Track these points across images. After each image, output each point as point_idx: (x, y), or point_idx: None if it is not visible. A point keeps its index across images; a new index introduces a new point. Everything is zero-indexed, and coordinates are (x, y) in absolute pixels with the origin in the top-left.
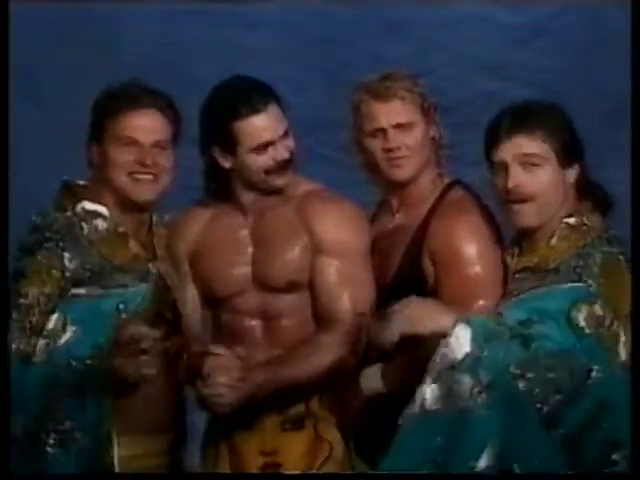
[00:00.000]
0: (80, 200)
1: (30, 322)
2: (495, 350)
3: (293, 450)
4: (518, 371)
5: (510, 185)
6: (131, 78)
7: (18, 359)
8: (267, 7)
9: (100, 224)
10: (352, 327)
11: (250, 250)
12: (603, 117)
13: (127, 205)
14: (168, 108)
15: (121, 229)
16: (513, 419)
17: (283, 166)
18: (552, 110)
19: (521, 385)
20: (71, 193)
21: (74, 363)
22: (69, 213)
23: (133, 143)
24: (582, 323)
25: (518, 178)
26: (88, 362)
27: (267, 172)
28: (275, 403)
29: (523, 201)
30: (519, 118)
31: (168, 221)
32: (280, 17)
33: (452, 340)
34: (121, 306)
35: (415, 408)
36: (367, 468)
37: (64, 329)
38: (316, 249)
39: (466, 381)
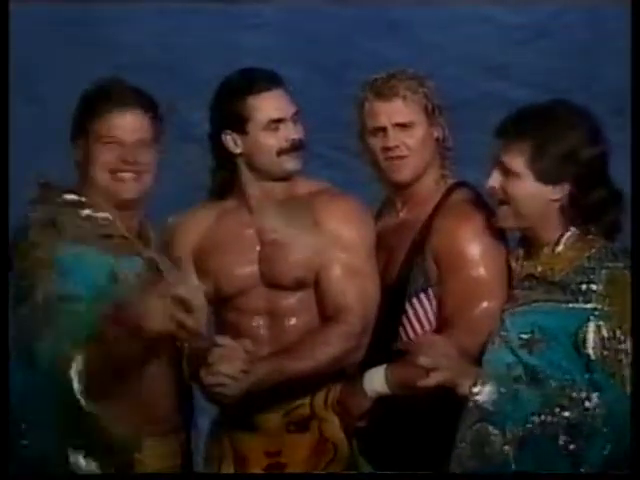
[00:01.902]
0: (60, 194)
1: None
2: (513, 401)
3: (298, 451)
4: (540, 418)
5: (488, 185)
6: (112, 76)
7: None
8: (267, 7)
9: (85, 212)
10: (358, 320)
11: (257, 248)
12: (603, 117)
13: (111, 204)
14: (150, 106)
15: (106, 215)
16: (543, 462)
17: (295, 147)
18: (546, 122)
19: (546, 431)
20: (50, 189)
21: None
22: (49, 204)
23: (115, 142)
24: (589, 350)
25: (495, 181)
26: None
27: (279, 153)
28: (279, 398)
29: (503, 204)
30: (510, 128)
31: (172, 222)
32: (280, 17)
33: (473, 401)
34: (119, 272)
35: (452, 467)
36: (372, 469)
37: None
38: (322, 244)
39: (495, 437)
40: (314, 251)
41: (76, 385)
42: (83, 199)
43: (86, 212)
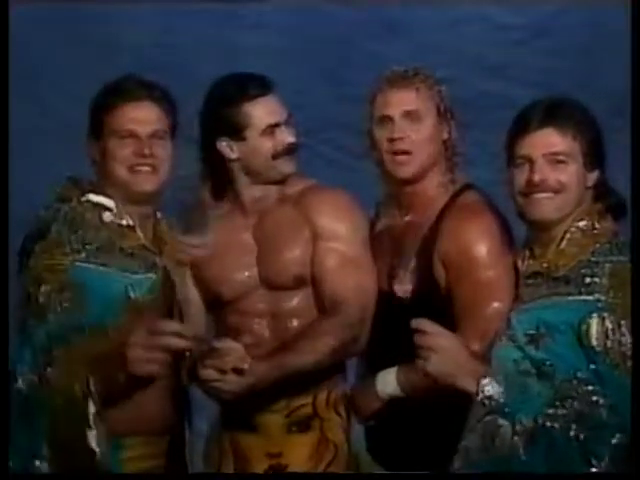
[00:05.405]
0: (85, 193)
1: (36, 296)
2: (522, 393)
3: (299, 452)
4: (550, 410)
5: (536, 179)
6: (127, 73)
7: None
8: (267, 7)
9: (106, 216)
10: (354, 310)
11: (254, 251)
12: (603, 117)
13: (130, 199)
14: (164, 99)
15: (127, 221)
16: (554, 457)
17: (290, 150)
18: (581, 108)
19: (556, 423)
20: (75, 186)
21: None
22: (74, 204)
23: (130, 135)
24: (593, 342)
25: (544, 172)
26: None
27: (275, 157)
28: (281, 397)
29: (545, 193)
30: (551, 112)
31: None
32: (280, 17)
33: (481, 395)
34: (131, 293)
35: (459, 459)
36: (379, 467)
37: (70, 297)
38: (316, 238)
39: (505, 430)
40: (308, 246)
41: (91, 407)
42: (107, 202)
43: (109, 217)
